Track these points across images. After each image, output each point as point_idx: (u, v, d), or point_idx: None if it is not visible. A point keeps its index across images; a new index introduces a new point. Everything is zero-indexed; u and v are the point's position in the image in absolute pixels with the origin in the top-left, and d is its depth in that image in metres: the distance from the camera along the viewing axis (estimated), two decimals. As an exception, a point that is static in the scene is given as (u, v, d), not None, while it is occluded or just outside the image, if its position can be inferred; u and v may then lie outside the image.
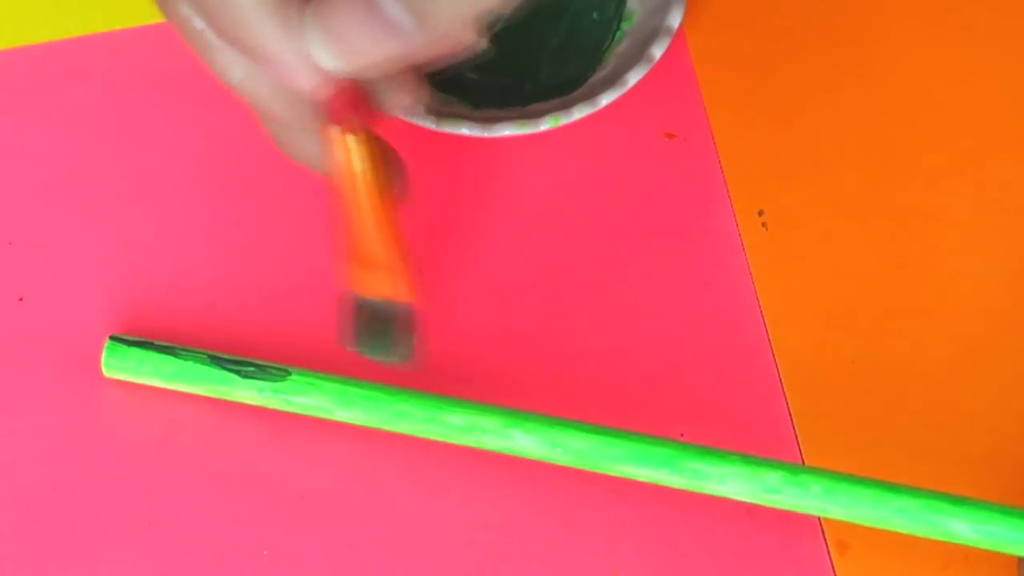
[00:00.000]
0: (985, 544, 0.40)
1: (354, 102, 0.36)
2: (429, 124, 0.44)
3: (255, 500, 0.42)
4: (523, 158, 0.47)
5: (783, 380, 0.44)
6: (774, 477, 0.40)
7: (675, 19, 0.45)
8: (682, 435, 0.42)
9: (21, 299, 0.44)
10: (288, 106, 0.37)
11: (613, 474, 0.41)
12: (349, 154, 0.37)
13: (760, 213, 0.46)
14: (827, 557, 0.42)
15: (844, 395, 0.44)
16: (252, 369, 0.41)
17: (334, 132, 0.36)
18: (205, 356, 0.41)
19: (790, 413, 0.44)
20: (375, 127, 0.37)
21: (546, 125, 0.44)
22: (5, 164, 0.46)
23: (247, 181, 0.46)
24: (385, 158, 0.39)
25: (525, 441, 0.41)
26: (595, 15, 0.47)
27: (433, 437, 0.41)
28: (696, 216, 0.46)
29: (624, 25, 0.47)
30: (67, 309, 0.44)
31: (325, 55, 0.33)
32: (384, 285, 0.39)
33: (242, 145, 0.46)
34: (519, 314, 0.44)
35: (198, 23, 0.36)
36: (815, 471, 0.40)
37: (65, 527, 0.41)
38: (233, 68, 0.36)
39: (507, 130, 0.44)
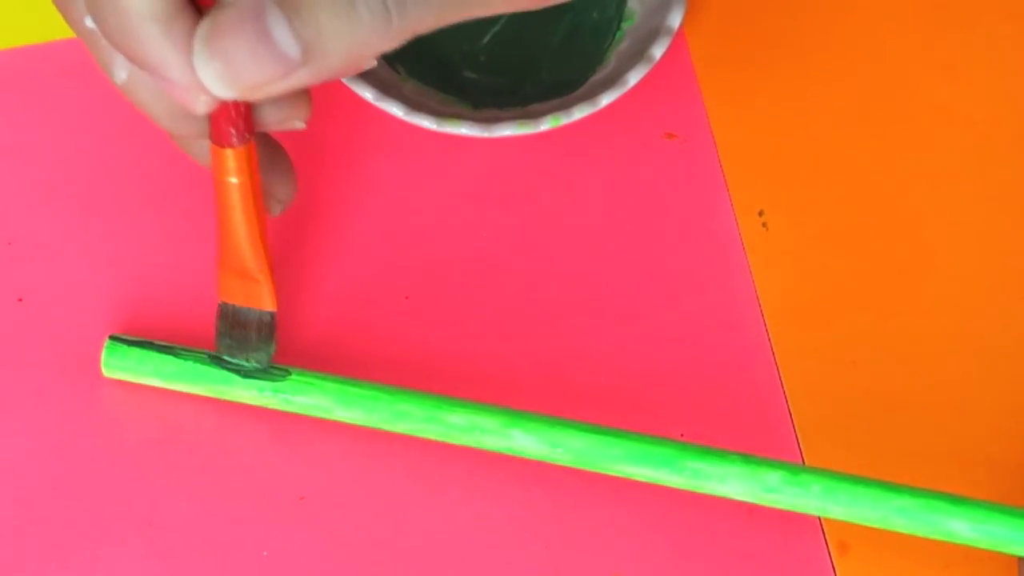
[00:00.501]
0: (985, 544, 0.40)
1: (234, 119, 0.36)
2: (429, 124, 0.44)
3: (255, 500, 0.42)
4: (523, 158, 0.47)
5: (783, 380, 0.44)
6: (774, 477, 0.40)
7: (675, 19, 0.45)
8: (682, 435, 0.42)
9: (21, 299, 0.44)
10: (169, 115, 0.37)
11: (613, 474, 0.41)
12: (226, 166, 0.38)
13: (760, 213, 0.46)
14: (827, 557, 0.42)
15: (844, 395, 0.44)
16: (252, 368, 0.41)
17: (214, 145, 0.37)
18: (205, 356, 0.41)
19: (790, 413, 0.43)
20: (253, 141, 0.38)
21: (546, 125, 0.44)
22: (5, 164, 0.46)
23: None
24: (272, 162, 0.40)
25: (525, 441, 0.41)
26: (595, 15, 0.47)
27: (433, 437, 0.41)
28: (696, 216, 0.46)
29: (624, 25, 0.47)
30: (67, 309, 0.44)
31: (211, 79, 0.33)
32: (249, 292, 0.40)
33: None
34: (519, 314, 0.44)
35: (89, 23, 0.35)
36: (815, 471, 0.40)
37: (65, 527, 0.41)
38: (119, 71, 0.36)
39: (507, 130, 0.44)
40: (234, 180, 0.38)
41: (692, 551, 0.42)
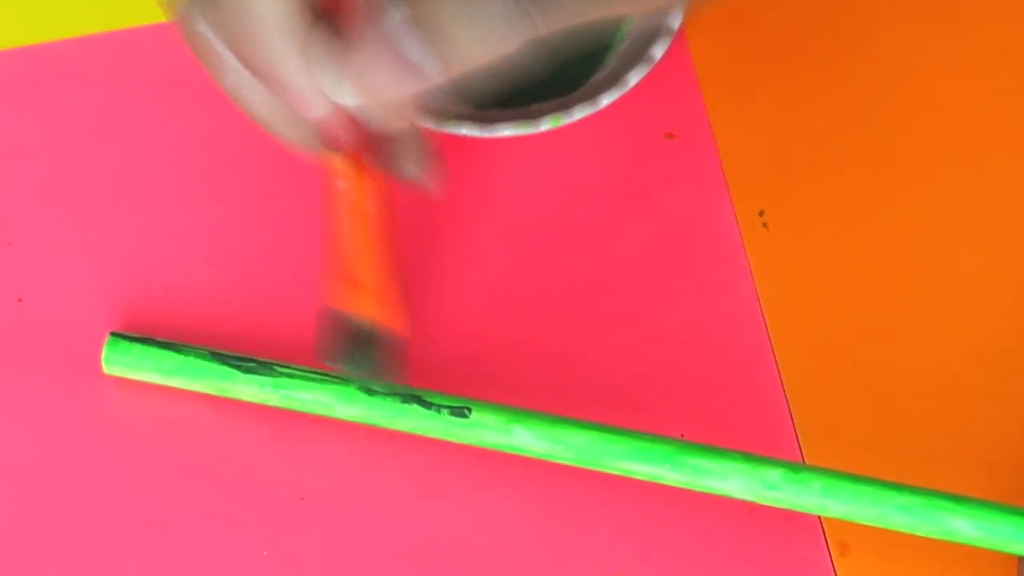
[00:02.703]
0: (985, 542, 0.40)
1: (356, 131, 0.37)
2: (429, 124, 0.44)
3: (255, 500, 0.42)
4: (523, 158, 0.47)
5: (783, 380, 0.44)
6: (775, 474, 0.40)
7: (675, 19, 0.45)
8: (682, 435, 0.42)
9: (21, 299, 0.44)
10: (291, 128, 0.38)
11: (614, 472, 0.41)
12: (344, 180, 0.38)
13: (760, 213, 0.46)
14: (828, 558, 0.42)
15: (844, 395, 0.44)
16: (253, 365, 0.41)
17: (332, 157, 0.38)
18: (206, 352, 0.41)
19: (790, 413, 0.44)
20: (368, 157, 0.38)
21: (546, 125, 0.44)
22: (5, 164, 0.46)
23: (246, 180, 0.46)
24: (416, 157, 0.40)
25: (526, 438, 0.41)
26: (595, 15, 0.47)
27: (433, 434, 0.41)
28: (696, 216, 0.46)
29: (624, 25, 0.47)
30: (67, 310, 0.44)
31: (343, 93, 0.34)
32: (368, 306, 0.40)
33: (241, 144, 0.46)
34: (519, 315, 0.44)
35: (202, 27, 0.36)
36: (816, 468, 0.40)
37: (65, 527, 0.41)
38: (229, 76, 0.37)
39: (507, 130, 0.44)
40: (351, 192, 0.38)
41: (693, 552, 0.42)
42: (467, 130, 0.44)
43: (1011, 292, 0.45)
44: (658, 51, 0.45)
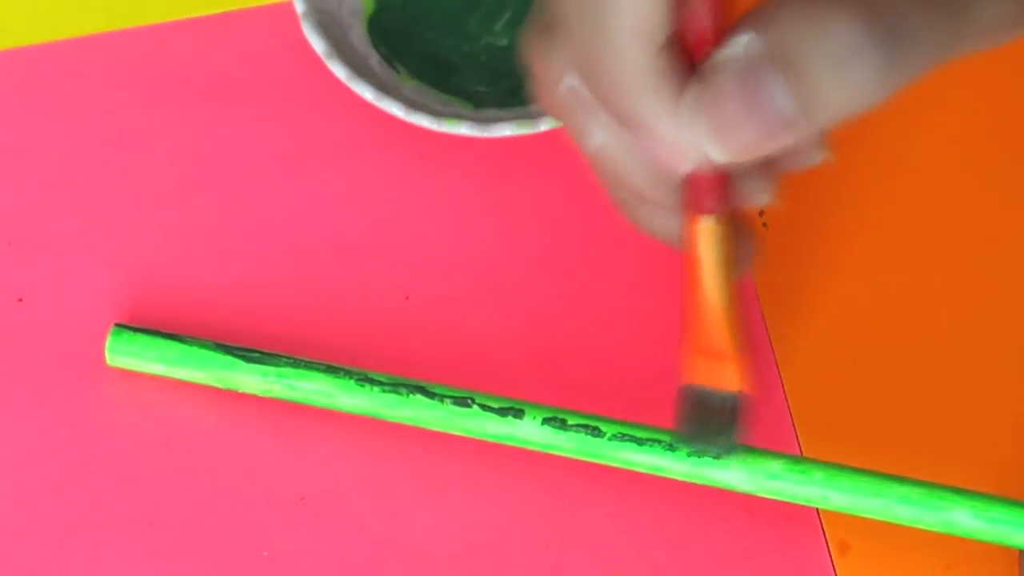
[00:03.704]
0: (987, 534, 0.40)
1: (717, 187, 0.35)
2: (429, 124, 0.44)
3: (255, 500, 0.42)
4: (523, 158, 0.47)
5: (783, 380, 0.44)
6: (776, 464, 0.40)
7: (675, 19, 0.45)
8: (682, 434, 0.42)
9: (21, 300, 0.44)
10: (647, 180, 0.36)
11: (615, 463, 0.41)
12: (702, 237, 0.35)
13: (760, 213, 0.46)
14: (828, 557, 0.42)
15: (844, 395, 0.44)
16: (256, 355, 0.41)
17: (691, 214, 0.35)
18: (210, 343, 0.41)
19: (790, 413, 0.44)
20: (731, 212, 0.36)
21: (546, 125, 0.44)
22: (5, 164, 0.46)
23: (246, 179, 0.46)
24: (737, 236, 0.38)
25: (528, 428, 0.40)
26: (595, 15, 0.47)
27: (435, 425, 0.41)
28: (696, 216, 0.46)
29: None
30: (67, 311, 0.44)
31: (708, 143, 0.32)
32: (720, 374, 0.38)
33: (242, 143, 0.46)
34: (519, 314, 0.44)
35: (569, 83, 0.34)
36: (818, 461, 0.40)
37: (65, 527, 0.41)
38: (597, 132, 0.35)
39: (507, 130, 0.44)
40: (711, 251, 0.35)
41: (693, 551, 0.42)
42: (466, 130, 0.44)
43: (1011, 290, 0.45)
44: (658, 51, 0.45)
